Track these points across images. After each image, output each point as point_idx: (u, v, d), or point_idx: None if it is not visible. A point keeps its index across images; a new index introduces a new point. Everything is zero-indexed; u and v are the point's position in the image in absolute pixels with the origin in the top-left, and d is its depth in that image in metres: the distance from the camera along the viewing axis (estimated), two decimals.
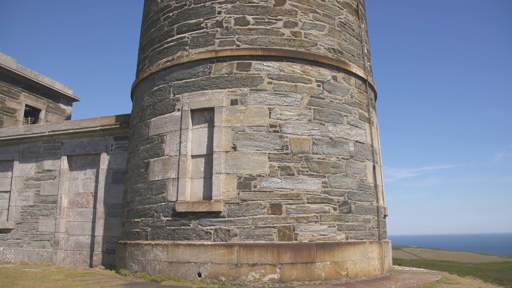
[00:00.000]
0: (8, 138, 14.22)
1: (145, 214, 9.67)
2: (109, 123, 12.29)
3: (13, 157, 14.22)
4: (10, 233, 13.67)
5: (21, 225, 13.55)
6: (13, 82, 21.29)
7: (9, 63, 20.91)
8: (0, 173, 14.57)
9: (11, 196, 13.95)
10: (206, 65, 9.56)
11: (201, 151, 9.30)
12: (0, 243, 13.79)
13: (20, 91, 21.64)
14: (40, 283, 8.43)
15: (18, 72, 21.31)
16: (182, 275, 8.57)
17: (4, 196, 14.29)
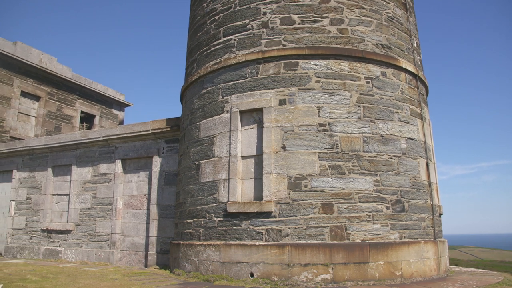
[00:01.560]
0: (66, 144, 14.85)
1: (197, 215, 9.84)
2: (160, 127, 12.58)
3: (71, 162, 14.83)
4: (70, 234, 14.27)
5: (80, 226, 14.11)
6: (69, 90, 22.22)
7: (65, 72, 21.84)
8: (59, 177, 15.25)
9: (70, 198, 14.56)
10: (253, 66, 9.61)
11: (250, 152, 9.36)
12: (61, 243, 14.43)
13: (75, 98, 22.55)
14: (99, 282, 8.74)
15: (74, 80, 22.24)
16: (235, 275, 8.66)
17: (64, 199, 14.94)
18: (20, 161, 16.53)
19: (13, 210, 16.20)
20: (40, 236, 15.10)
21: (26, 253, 15.26)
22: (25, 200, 15.93)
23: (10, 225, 16.13)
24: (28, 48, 20.14)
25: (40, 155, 15.91)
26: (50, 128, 20.83)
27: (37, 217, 15.39)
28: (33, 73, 20.31)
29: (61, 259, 14.12)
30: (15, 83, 19.50)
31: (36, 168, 15.90)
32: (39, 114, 20.49)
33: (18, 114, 19.58)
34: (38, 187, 15.65)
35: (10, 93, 19.24)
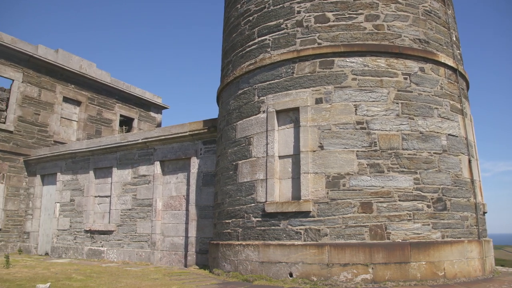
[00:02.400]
0: (107, 147, 15.23)
1: (235, 215, 9.90)
2: (197, 128, 12.73)
3: (112, 164, 15.20)
4: (112, 234, 14.63)
5: (121, 227, 14.44)
6: (108, 95, 22.78)
7: (104, 77, 22.40)
8: (101, 179, 15.66)
9: (111, 200, 14.92)
10: (288, 66, 9.59)
11: (288, 152, 9.35)
12: (103, 243, 14.81)
13: (114, 102, 23.09)
14: (141, 281, 8.92)
15: (112, 85, 22.78)
16: (274, 275, 8.66)
17: (105, 201, 15.32)
18: (63, 164, 17.06)
19: (58, 211, 16.75)
20: (84, 237, 15.55)
21: (70, 253, 15.74)
22: (69, 202, 16.44)
23: (55, 226, 16.69)
24: (69, 55, 20.77)
25: (82, 158, 16.38)
26: (91, 131, 21.42)
27: (80, 218, 15.85)
28: (74, 79, 20.94)
29: (104, 259, 14.49)
30: (58, 89, 20.15)
31: (79, 171, 16.39)
32: (80, 119, 21.10)
33: (60, 119, 20.23)
34: (81, 189, 16.11)
35: (53, 99, 19.90)
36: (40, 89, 19.41)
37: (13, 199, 17.98)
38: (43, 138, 19.25)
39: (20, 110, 18.49)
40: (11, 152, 18.01)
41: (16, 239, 17.90)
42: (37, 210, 17.80)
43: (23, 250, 17.58)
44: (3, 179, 17.72)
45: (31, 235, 17.72)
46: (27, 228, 17.97)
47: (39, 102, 19.29)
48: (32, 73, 19.16)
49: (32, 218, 17.85)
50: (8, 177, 17.86)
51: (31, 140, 18.81)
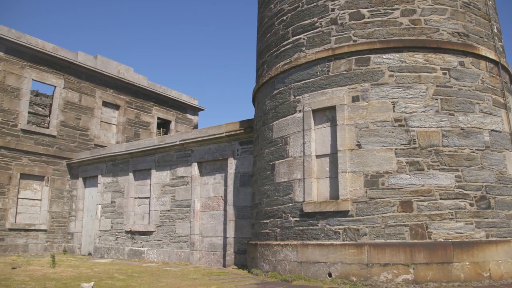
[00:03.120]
0: (146, 149, 15.52)
1: (273, 215, 9.90)
2: (233, 129, 12.80)
3: (151, 166, 15.48)
4: (152, 235, 14.90)
5: (160, 227, 14.69)
6: (146, 98, 23.21)
7: (141, 81, 22.84)
8: (140, 181, 15.97)
9: (151, 201, 15.20)
10: (324, 64, 9.52)
11: (325, 151, 9.28)
12: (144, 244, 15.10)
13: (152, 105, 23.50)
14: (181, 281, 9.04)
15: (150, 88, 23.19)
16: (312, 275, 8.61)
17: (145, 202, 15.62)
18: (104, 167, 17.50)
19: (100, 213, 17.19)
20: (125, 237, 15.90)
21: (112, 253, 16.13)
22: (110, 203, 16.85)
23: (97, 227, 17.14)
24: (107, 61, 21.28)
25: (122, 161, 16.75)
26: (130, 134, 21.87)
27: (121, 219, 16.22)
28: (112, 84, 21.44)
29: (144, 259, 14.78)
30: (97, 94, 20.69)
31: (119, 173, 16.77)
32: (119, 122, 21.59)
33: (100, 123, 20.75)
34: (121, 191, 16.48)
35: (93, 103, 20.44)
36: (81, 94, 19.98)
37: (57, 201, 18.58)
38: (84, 142, 19.81)
39: (62, 115, 19.09)
40: (54, 156, 18.62)
41: (61, 239, 18.49)
42: (80, 211, 18.34)
43: (67, 250, 18.15)
44: (48, 182, 18.34)
45: (74, 235, 18.27)
46: (70, 229, 18.53)
47: (80, 107, 19.86)
48: (73, 79, 19.75)
49: (75, 219, 18.40)
50: (52, 180, 18.47)
51: (73, 144, 19.39)
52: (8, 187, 17.07)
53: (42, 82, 18.75)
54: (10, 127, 17.38)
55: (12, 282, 8.36)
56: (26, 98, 17.98)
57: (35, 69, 18.42)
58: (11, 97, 17.53)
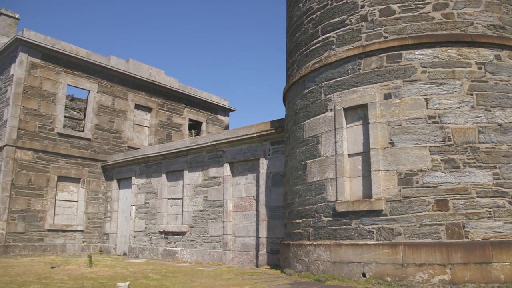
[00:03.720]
0: (178, 150, 15.70)
1: (305, 215, 9.86)
2: (264, 129, 12.81)
3: (183, 167, 15.65)
4: (185, 235, 15.06)
5: (193, 228, 14.83)
6: (177, 100, 23.50)
7: (172, 83, 23.14)
8: (173, 182, 16.17)
9: (183, 202, 15.36)
10: (354, 62, 9.42)
11: (357, 149, 9.18)
12: (177, 244, 15.28)
13: (183, 107, 23.77)
14: (214, 281, 9.10)
15: (181, 90, 23.47)
16: (346, 275, 8.53)
17: (178, 203, 15.80)
18: (137, 168, 17.80)
19: (134, 214, 17.49)
20: (158, 238, 16.13)
21: (146, 253, 16.39)
22: (143, 204, 17.13)
23: (132, 227, 17.45)
24: (139, 64, 21.64)
25: (154, 162, 17.00)
26: (162, 136, 22.18)
27: (154, 220, 16.46)
28: (144, 87, 21.78)
29: (178, 259, 14.95)
30: (129, 97, 21.07)
31: (152, 174, 17.02)
32: (151, 124, 21.91)
33: (133, 125, 21.12)
34: (154, 192, 16.73)
35: (126, 106, 20.82)
36: (114, 97, 20.39)
37: (93, 202, 19.01)
38: (118, 144, 20.21)
39: (96, 119, 19.52)
40: (89, 159, 19.07)
41: (97, 240, 18.91)
42: (114, 212, 18.71)
43: (103, 250, 18.55)
44: (84, 184, 18.79)
45: (110, 236, 18.65)
46: (106, 229, 18.93)
47: (113, 110, 20.26)
48: (106, 83, 20.17)
49: (110, 220, 18.78)
50: (88, 182, 18.92)
51: (107, 146, 19.80)
52: (46, 189, 17.58)
53: (77, 87, 19.23)
54: (47, 131, 17.90)
55: (52, 281, 8.60)
56: (62, 103, 18.48)
57: (70, 74, 18.91)
58: (48, 102, 18.05)
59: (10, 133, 16.85)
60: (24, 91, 17.39)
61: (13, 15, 21.24)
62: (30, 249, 16.76)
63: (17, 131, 17.02)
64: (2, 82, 18.61)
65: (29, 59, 17.70)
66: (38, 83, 17.83)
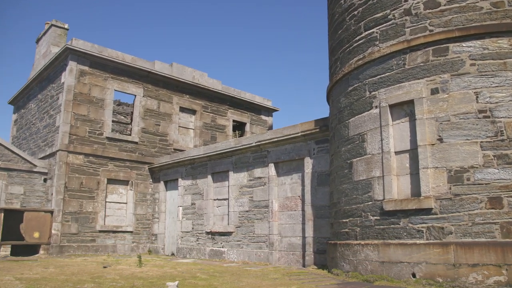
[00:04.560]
0: (223, 152, 15.85)
1: (352, 214, 9.71)
2: (309, 128, 12.72)
3: (228, 168, 15.78)
4: (231, 235, 15.17)
5: (239, 228, 14.92)
6: (221, 102, 23.72)
7: (215, 85, 23.38)
8: (218, 183, 16.33)
9: (229, 202, 15.49)
10: (399, 57, 9.19)
11: (404, 147, 8.96)
12: (224, 244, 15.42)
13: (227, 108, 23.96)
14: (261, 280, 9.11)
15: (224, 92, 23.68)
16: (395, 275, 8.34)
17: (224, 203, 15.95)
18: (183, 170, 18.10)
19: (181, 215, 17.80)
20: (205, 238, 16.33)
21: (194, 253, 16.63)
22: (190, 205, 17.39)
23: (179, 228, 17.76)
24: (182, 67, 22.00)
25: (200, 164, 17.23)
26: (207, 138, 22.45)
27: (201, 221, 16.68)
28: (188, 89, 22.12)
29: (225, 259, 15.08)
30: (174, 100, 21.45)
31: (198, 175, 17.25)
32: (196, 126, 22.23)
33: (178, 128, 21.50)
34: (200, 193, 16.95)
35: (171, 109, 21.22)
36: (159, 101, 20.82)
37: (141, 204, 19.49)
38: (164, 147, 20.62)
39: (142, 122, 20.00)
40: (137, 161, 19.57)
41: (146, 240, 19.37)
42: (162, 213, 19.09)
43: (152, 250, 18.97)
44: (132, 186, 19.30)
45: (158, 236, 19.05)
46: (154, 230, 19.35)
47: (159, 113, 20.69)
48: (151, 87, 20.62)
49: (158, 221, 19.18)
50: (136, 184, 19.41)
51: (154, 149, 20.25)
52: (97, 192, 18.16)
53: (123, 92, 19.78)
54: (96, 136, 18.49)
55: (104, 280, 8.88)
56: (109, 108, 19.05)
57: (117, 80, 19.47)
58: (97, 108, 18.65)
59: (62, 138, 17.53)
60: (74, 97, 18.06)
61: (62, 26, 22.10)
62: (83, 249, 17.37)
63: (68, 137, 17.69)
64: (54, 90, 19.40)
65: (78, 67, 18.36)
66: (87, 90, 18.46)
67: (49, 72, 20.36)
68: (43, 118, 20.22)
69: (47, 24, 22.78)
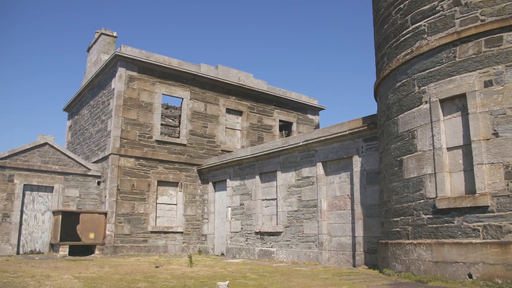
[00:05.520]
0: (270, 152, 15.85)
1: (403, 213, 9.46)
2: (356, 126, 12.51)
3: (276, 168, 15.77)
4: (280, 235, 15.15)
5: (288, 228, 14.87)
6: (266, 102, 23.74)
7: (261, 86, 23.42)
8: (266, 183, 16.35)
9: (278, 202, 15.47)
10: (449, 50, 8.87)
11: (456, 142, 8.63)
12: (273, 244, 15.41)
13: (273, 109, 23.96)
14: (311, 280, 9.04)
15: (269, 92, 23.69)
16: (450, 276, 8.05)
17: (272, 203, 15.94)
18: (231, 171, 18.24)
19: (230, 215, 17.94)
20: (254, 238, 16.38)
21: (243, 253, 16.72)
22: (238, 206, 17.51)
23: (228, 228, 17.91)
24: (228, 69, 22.19)
25: (247, 164, 17.31)
26: (253, 138, 22.54)
27: (250, 221, 16.75)
28: (234, 91, 22.29)
29: (274, 259, 15.07)
30: (220, 102, 21.68)
31: (245, 176, 17.34)
32: (242, 127, 22.36)
33: (225, 129, 21.71)
34: (248, 194, 17.03)
35: (217, 111, 21.46)
36: (206, 103, 21.10)
37: (190, 205, 19.81)
38: (212, 148, 20.87)
39: (190, 125, 20.32)
40: (186, 163, 19.91)
41: (196, 241, 19.67)
42: (211, 214, 19.33)
43: (202, 250, 19.24)
44: (181, 188, 19.65)
45: (207, 237, 19.30)
46: (204, 231, 19.62)
47: (206, 115, 20.97)
48: (198, 90, 20.93)
49: (207, 222, 19.43)
50: (185, 186, 19.75)
51: (202, 151, 20.53)
52: (148, 194, 18.62)
53: (171, 96, 20.19)
54: (146, 139, 18.97)
55: (157, 279, 9.08)
56: (158, 112, 19.50)
57: (164, 84, 19.89)
58: (146, 112, 19.12)
59: (114, 142, 18.09)
60: (124, 103, 18.60)
61: (111, 34, 22.86)
62: (136, 249, 17.84)
63: (119, 140, 18.24)
64: (105, 96, 20.06)
65: (127, 73, 18.90)
66: (136, 95, 18.96)
67: (100, 79, 21.09)
68: (95, 124, 20.95)
69: (97, 33, 23.64)
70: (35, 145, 17.95)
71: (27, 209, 17.59)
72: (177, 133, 20.35)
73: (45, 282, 8.44)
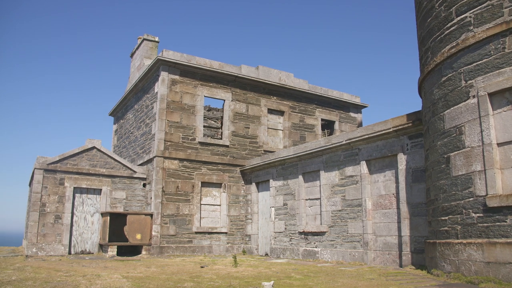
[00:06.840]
0: (313, 151, 15.74)
1: (452, 211, 9.16)
2: (401, 123, 12.23)
3: (319, 168, 15.64)
4: (324, 235, 15.00)
5: (332, 228, 14.71)
6: (308, 101, 23.61)
7: (302, 85, 23.31)
8: (309, 183, 16.24)
9: (321, 202, 15.33)
10: (497, 41, 8.51)
11: (507, 138, 8.26)
12: (317, 244, 15.29)
13: (314, 108, 23.79)
14: (357, 281, 8.90)
15: (311, 91, 23.54)
16: (503, 277, 7.71)
17: (315, 203, 15.82)
18: (274, 171, 18.23)
19: (273, 215, 17.93)
20: (298, 238, 16.30)
21: (287, 253, 16.66)
22: (282, 206, 17.47)
23: (272, 228, 17.90)
24: (268, 70, 22.19)
25: (290, 164, 17.25)
26: (296, 138, 22.44)
27: (293, 221, 16.68)
28: (275, 91, 22.27)
29: (318, 259, 14.95)
30: (262, 102, 21.71)
31: (288, 176, 17.29)
32: (284, 127, 22.31)
33: (267, 129, 21.72)
34: (292, 194, 16.97)
35: (259, 112, 21.50)
36: (247, 104, 21.19)
37: (234, 205, 19.94)
38: (254, 149, 20.93)
39: (232, 126, 20.46)
40: (229, 164, 20.06)
41: (240, 241, 19.77)
42: (255, 214, 19.38)
43: (246, 251, 19.32)
44: (225, 189, 19.81)
45: (251, 237, 19.36)
46: (247, 231, 19.69)
47: (247, 116, 21.05)
48: (239, 91, 21.05)
49: (251, 222, 19.49)
50: (228, 187, 19.89)
51: (244, 151, 20.63)
52: (192, 195, 18.88)
53: (212, 97, 20.41)
54: (189, 141, 19.24)
55: (202, 279, 9.19)
56: (200, 114, 19.74)
57: (206, 86, 20.12)
58: (188, 114, 19.40)
59: (158, 145, 18.45)
60: (167, 106, 18.95)
61: (153, 39, 23.36)
62: (181, 250, 18.12)
63: (164, 143, 18.59)
64: (148, 100, 20.50)
65: (170, 76, 19.24)
66: (178, 98, 19.27)
67: (143, 84, 21.57)
68: (140, 127, 21.44)
69: (139, 39, 24.20)
70: (83, 149, 18.58)
71: (77, 211, 18.21)
72: (220, 135, 20.53)
73: (95, 281, 8.72)
